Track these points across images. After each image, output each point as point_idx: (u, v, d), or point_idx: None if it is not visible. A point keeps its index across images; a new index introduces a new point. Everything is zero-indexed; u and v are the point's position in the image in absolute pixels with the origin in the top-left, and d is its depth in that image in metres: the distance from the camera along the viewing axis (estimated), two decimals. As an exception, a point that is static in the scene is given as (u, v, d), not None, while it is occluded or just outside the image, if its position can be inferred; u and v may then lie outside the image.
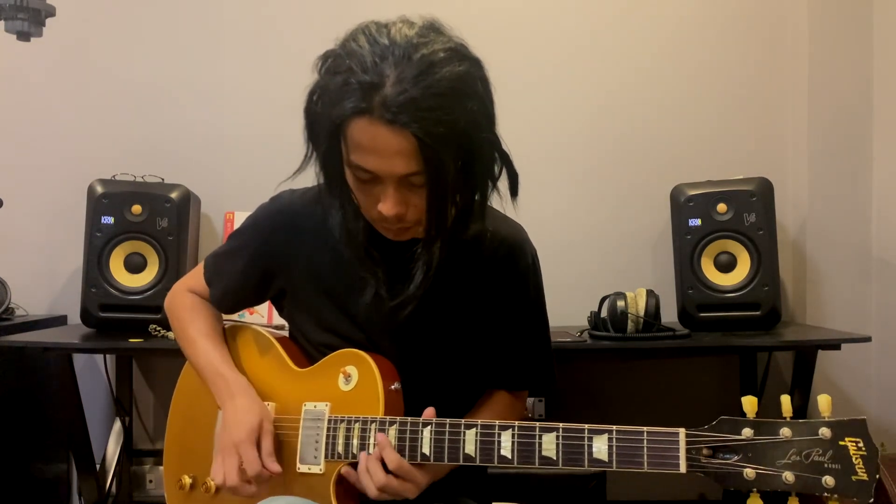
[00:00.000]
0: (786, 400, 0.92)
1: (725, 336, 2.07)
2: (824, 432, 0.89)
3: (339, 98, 0.99)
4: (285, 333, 1.35)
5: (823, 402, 0.91)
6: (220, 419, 1.25)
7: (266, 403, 1.23)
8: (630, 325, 2.01)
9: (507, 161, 1.10)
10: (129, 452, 2.46)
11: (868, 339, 1.96)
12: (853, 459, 0.87)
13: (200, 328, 1.31)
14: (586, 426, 1.00)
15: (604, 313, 2.07)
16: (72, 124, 2.48)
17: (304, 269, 1.23)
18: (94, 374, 2.47)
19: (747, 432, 0.92)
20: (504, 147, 1.09)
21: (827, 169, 2.36)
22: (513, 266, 1.24)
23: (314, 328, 1.25)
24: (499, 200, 1.14)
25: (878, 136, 2.11)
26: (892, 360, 2.11)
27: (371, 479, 1.08)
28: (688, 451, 0.94)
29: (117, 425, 2.44)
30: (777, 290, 2.12)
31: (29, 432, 2.29)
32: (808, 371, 2.09)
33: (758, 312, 2.10)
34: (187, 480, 1.30)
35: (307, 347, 1.27)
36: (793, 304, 2.48)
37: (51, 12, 1.67)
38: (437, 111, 0.97)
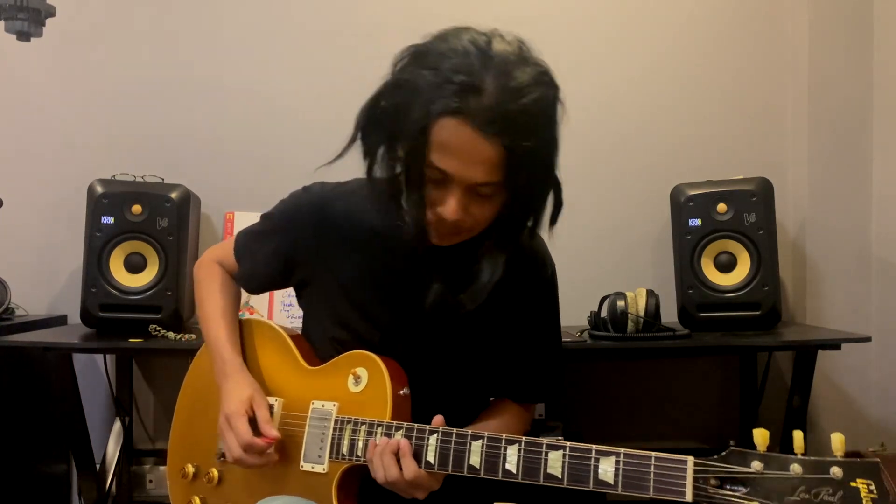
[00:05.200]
0: (798, 436, 0.90)
1: (725, 336, 2.07)
2: (835, 471, 0.86)
3: (434, 95, 0.98)
4: (298, 330, 1.36)
5: (836, 440, 0.88)
6: None
7: (274, 399, 1.24)
8: (630, 325, 2.01)
9: (558, 189, 1.12)
10: (129, 452, 2.46)
11: (868, 339, 1.96)
12: (864, 501, 0.85)
13: (218, 304, 1.33)
14: (594, 447, 0.99)
15: (604, 313, 2.07)
16: (72, 124, 2.48)
17: (328, 263, 1.24)
18: (94, 374, 2.46)
19: (757, 465, 0.90)
20: (558, 175, 1.11)
21: (827, 169, 2.36)
22: (532, 278, 1.25)
23: (329, 322, 1.25)
24: None
25: (878, 136, 2.11)
26: (892, 360, 2.11)
27: (384, 470, 1.08)
28: (695, 479, 0.92)
29: (117, 425, 2.44)
30: (777, 290, 2.12)
31: (29, 432, 2.29)
32: (808, 371, 2.09)
33: (758, 312, 2.10)
34: (190, 469, 1.30)
35: (318, 340, 1.28)
36: (793, 304, 2.48)
37: (51, 12, 1.67)
38: (526, 129, 0.99)
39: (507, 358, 1.27)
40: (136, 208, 2.14)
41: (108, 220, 2.13)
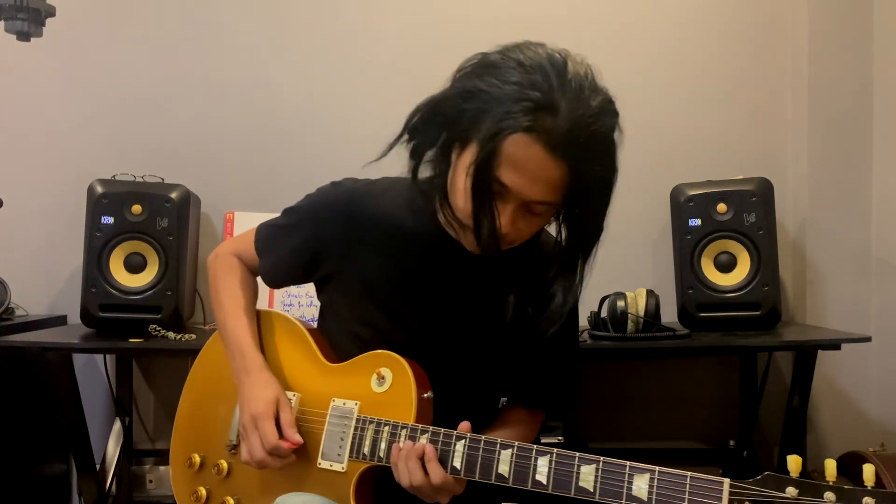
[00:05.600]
0: (830, 464, 0.91)
1: (725, 336, 2.07)
2: (868, 502, 0.87)
3: (508, 108, 0.98)
4: (314, 324, 1.35)
5: (868, 471, 0.90)
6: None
7: (291, 394, 1.23)
8: (630, 325, 2.01)
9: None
10: (129, 452, 2.46)
11: (868, 339, 1.96)
12: None
13: (236, 298, 1.32)
14: (628, 463, 0.99)
15: (604, 313, 2.07)
16: (72, 124, 2.48)
17: (355, 260, 1.23)
18: (94, 374, 2.47)
19: (791, 491, 0.91)
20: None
21: (827, 169, 2.36)
22: None
23: (351, 318, 1.24)
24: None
25: (878, 136, 2.11)
26: (892, 360, 2.11)
27: (409, 475, 1.08)
28: (730, 501, 0.93)
29: (117, 425, 2.44)
30: (777, 290, 2.12)
31: (29, 432, 2.29)
32: (808, 371, 2.09)
33: (758, 312, 2.10)
34: (197, 459, 1.29)
35: (338, 337, 1.27)
36: (793, 304, 2.48)
37: (51, 12, 1.67)
38: (593, 155, 1.02)
39: (527, 364, 1.27)
40: (136, 208, 2.14)
41: (108, 220, 2.13)
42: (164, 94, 2.48)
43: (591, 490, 1.00)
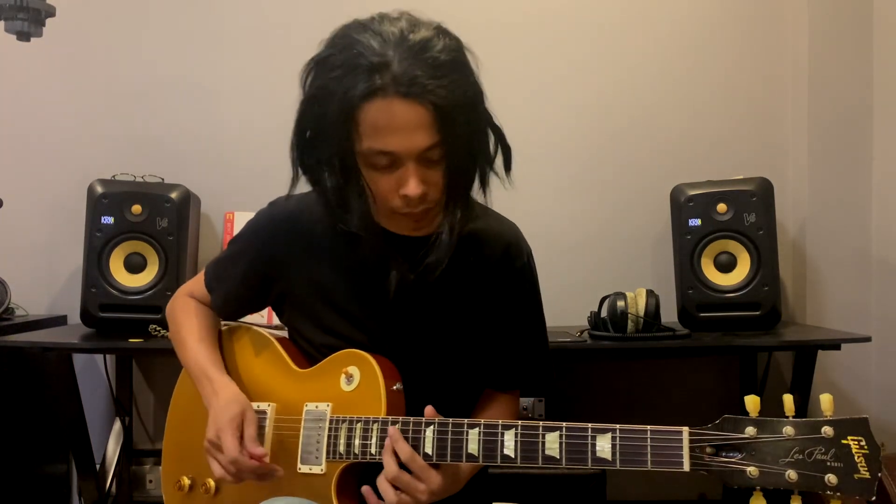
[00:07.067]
0: (788, 399, 0.93)
1: (725, 336, 2.07)
2: (827, 431, 0.89)
3: (348, 86, 1.01)
4: (285, 334, 1.35)
5: (825, 400, 0.91)
6: None
7: (266, 404, 1.23)
8: (630, 325, 2.01)
9: (500, 135, 1.13)
10: (129, 452, 2.46)
11: (868, 339, 1.96)
12: (855, 458, 0.87)
13: (193, 330, 1.31)
14: (590, 425, 1.00)
15: (604, 313, 2.07)
16: (72, 124, 2.48)
17: (303, 273, 1.23)
18: (94, 374, 2.47)
19: (750, 431, 0.92)
20: (496, 121, 1.12)
21: (827, 169, 2.36)
22: (509, 265, 1.25)
23: (315, 331, 1.25)
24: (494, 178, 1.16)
25: (878, 136, 2.11)
26: (892, 360, 2.11)
27: (383, 475, 1.08)
28: (691, 449, 0.94)
29: (117, 425, 2.44)
30: (777, 290, 2.12)
31: (29, 432, 2.29)
32: (808, 371, 2.09)
33: (758, 312, 2.11)
34: (186, 481, 1.30)
35: (308, 349, 1.27)
36: (793, 304, 2.48)
37: (51, 12, 1.67)
38: (444, 79, 1.01)
39: (493, 347, 1.27)
40: (136, 208, 2.14)
41: (108, 220, 2.13)
42: (164, 95, 2.48)
43: (558, 457, 1.01)
